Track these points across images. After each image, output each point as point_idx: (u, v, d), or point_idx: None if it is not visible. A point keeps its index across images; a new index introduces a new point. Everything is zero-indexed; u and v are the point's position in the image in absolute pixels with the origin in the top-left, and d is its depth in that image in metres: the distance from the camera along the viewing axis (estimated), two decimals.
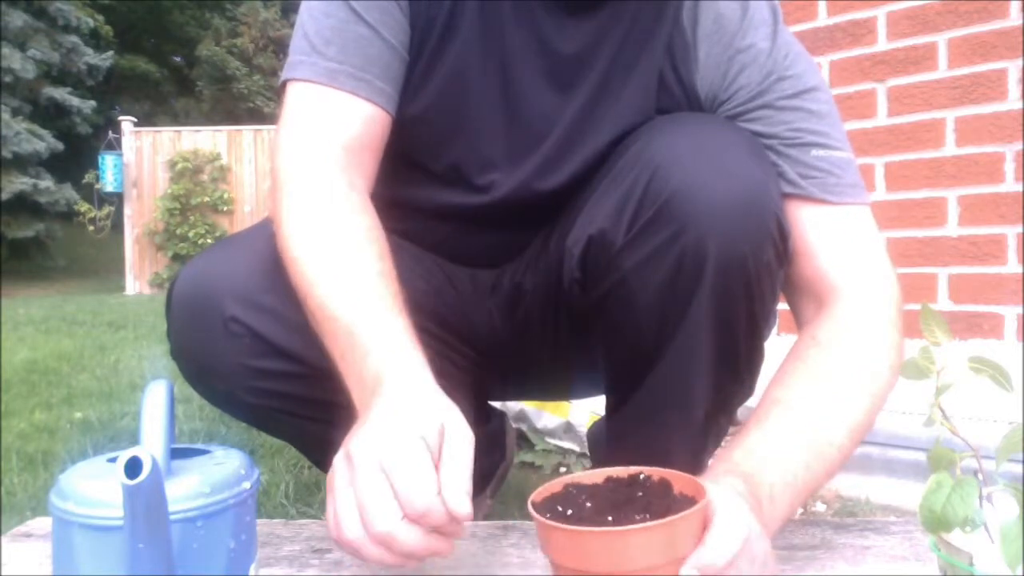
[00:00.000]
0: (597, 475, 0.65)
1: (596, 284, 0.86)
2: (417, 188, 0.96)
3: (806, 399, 0.75)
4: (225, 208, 9.64)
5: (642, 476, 0.63)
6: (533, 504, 0.60)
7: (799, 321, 0.87)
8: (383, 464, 0.59)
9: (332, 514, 0.60)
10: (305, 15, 0.89)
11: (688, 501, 0.59)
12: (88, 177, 10.62)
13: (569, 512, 0.59)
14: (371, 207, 0.84)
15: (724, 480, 0.65)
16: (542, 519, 0.57)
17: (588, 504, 0.60)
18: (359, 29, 0.87)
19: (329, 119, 0.86)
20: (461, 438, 0.62)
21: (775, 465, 0.70)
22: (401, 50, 0.90)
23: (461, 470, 0.60)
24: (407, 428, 0.61)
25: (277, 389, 0.85)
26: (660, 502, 0.59)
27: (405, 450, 0.59)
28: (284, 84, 0.89)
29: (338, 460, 0.62)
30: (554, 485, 0.64)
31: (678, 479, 0.62)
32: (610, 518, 0.57)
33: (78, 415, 2.42)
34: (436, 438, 0.61)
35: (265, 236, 0.84)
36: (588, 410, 1.77)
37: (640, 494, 0.61)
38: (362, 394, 0.68)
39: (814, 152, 0.85)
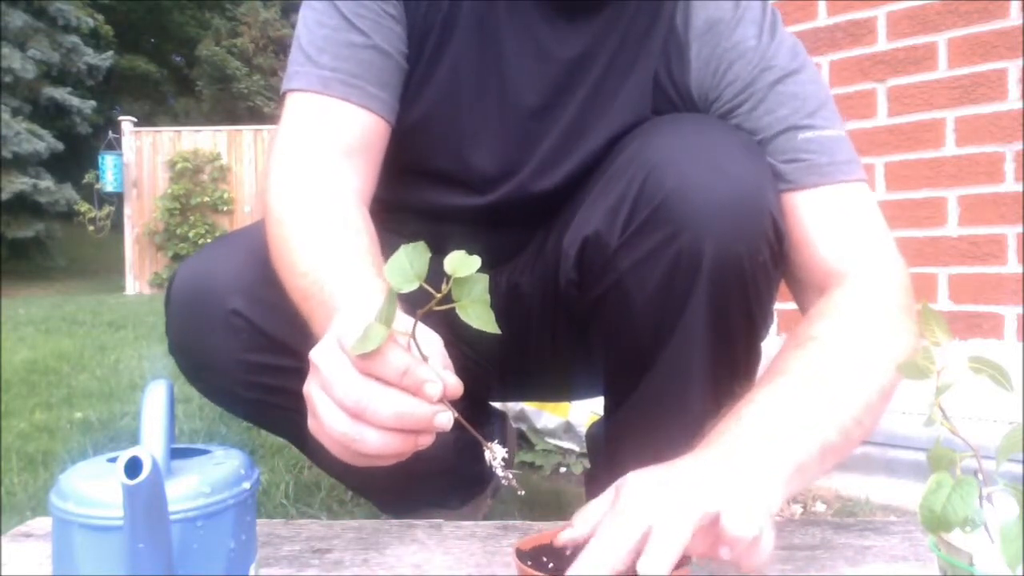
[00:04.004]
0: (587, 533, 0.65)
1: (593, 285, 0.86)
2: (413, 191, 0.96)
3: (798, 393, 0.70)
4: (225, 208, 9.64)
5: None
6: (518, 551, 0.60)
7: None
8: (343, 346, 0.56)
9: (314, 422, 0.58)
10: (301, 26, 0.89)
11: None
12: (88, 177, 10.62)
13: (551, 565, 0.60)
14: (359, 199, 0.84)
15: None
16: (522, 565, 0.57)
17: (570, 555, 0.60)
18: (351, 36, 0.87)
19: (323, 126, 0.85)
20: (430, 335, 0.59)
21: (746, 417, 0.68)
22: (397, 56, 0.89)
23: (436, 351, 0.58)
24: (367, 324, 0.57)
25: (274, 384, 0.86)
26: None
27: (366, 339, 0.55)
28: (284, 97, 0.89)
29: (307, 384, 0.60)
30: (543, 536, 0.64)
31: None
32: None
33: (78, 415, 2.41)
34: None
35: (264, 233, 0.84)
36: (588, 410, 1.77)
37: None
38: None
39: (802, 135, 0.84)
